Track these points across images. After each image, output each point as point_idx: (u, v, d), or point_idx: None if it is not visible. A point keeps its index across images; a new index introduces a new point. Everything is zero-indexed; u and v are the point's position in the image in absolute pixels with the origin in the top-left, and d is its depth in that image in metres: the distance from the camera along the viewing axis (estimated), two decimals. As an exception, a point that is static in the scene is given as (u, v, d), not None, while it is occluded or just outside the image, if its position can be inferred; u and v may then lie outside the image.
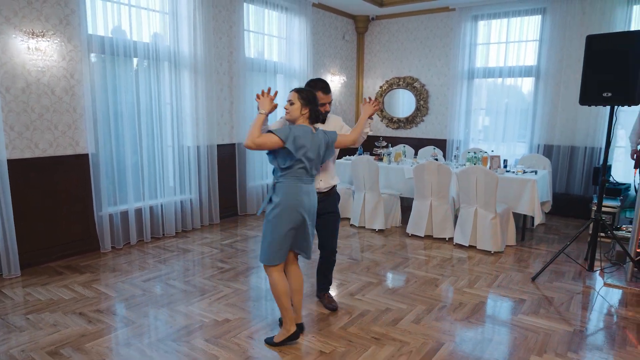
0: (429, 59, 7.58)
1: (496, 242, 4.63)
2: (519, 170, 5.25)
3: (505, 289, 3.78)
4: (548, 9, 6.39)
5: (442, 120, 7.56)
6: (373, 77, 8.23)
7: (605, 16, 5.99)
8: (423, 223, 5.13)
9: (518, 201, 4.95)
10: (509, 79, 6.88)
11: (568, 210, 6.31)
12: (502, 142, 7.01)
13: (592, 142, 6.28)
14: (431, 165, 4.93)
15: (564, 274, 4.14)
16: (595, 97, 3.64)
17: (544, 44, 6.50)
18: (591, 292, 3.77)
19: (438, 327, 3.06)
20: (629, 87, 3.51)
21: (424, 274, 4.08)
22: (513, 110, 6.89)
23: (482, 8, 6.87)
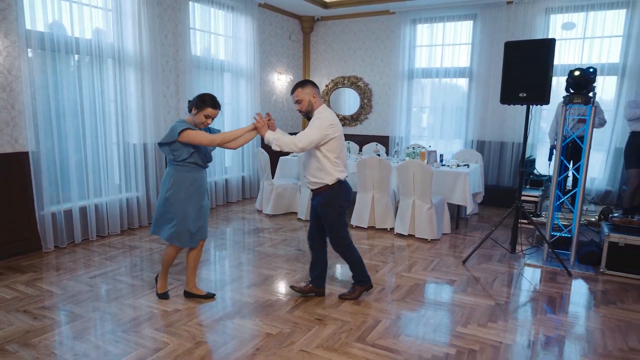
0: (372, 60, 7.93)
1: (432, 230, 5.00)
2: (453, 164, 5.67)
3: (438, 271, 4.13)
4: (478, 15, 6.91)
5: (385, 118, 7.94)
6: (319, 76, 8.48)
7: (527, 24, 6.58)
8: (366, 215, 5.43)
9: (452, 192, 5.36)
10: (445, 79, 7.35)
11: (498, 201, 6.85)
12: (440, 139, 7.48)
13: (519, 138, 6.84)
14: (372, 161, 5.23)
15: (491, 256, 4.57)
16: (513, 97, 4.06)
17: (475, 47, 7.02)
18: (513, 271, 4.20)
19: (377, 307, 3.33)
20: (542, 88, 3.95)
21: (367, 261, 4.33)
22: (449, 108, 7.38)
23: (420, 12, 7.29)
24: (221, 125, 6.55)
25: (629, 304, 3.52)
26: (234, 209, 6.59)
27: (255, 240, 5.04)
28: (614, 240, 4.08)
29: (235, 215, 6.20)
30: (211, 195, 6.55)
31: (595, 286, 3.88)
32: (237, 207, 6.72)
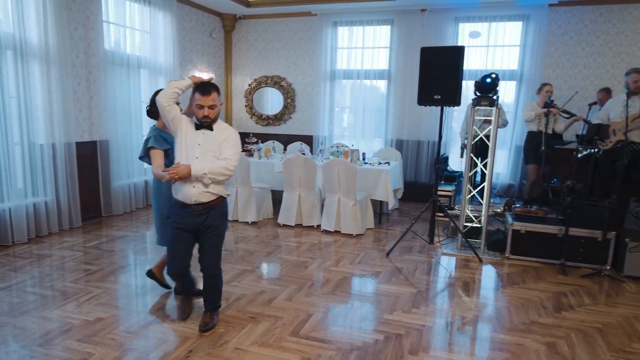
0: (295, 60, 8.02)
1: (357, 226, 5.20)
2: (374, 162, 5.94)
3: (364, 264, 4.31)
4: (395, 20, 7.28)
5: (309, 118, 8.07)
6: (242, 75, 8.40)
7: (439, 31, 7.06)
8: (293, 213, 5.49)
9: (375, 189, 5.61)
10: (366, 80, 7.65)
11: (417, 196, 7.27)
12: (361, 138, 7.77)
13: (434, 137, 7.33)
14: (298, 159, 5.31)
15: (412, 248, 4.86)
16: (429, 99, 4.37)
17: (393, 51, 7.39)
18: (432, 260, 4.50)
19: (308, 302, 3.41)
20: (454, 91, 4.29)
21: (295, 259, 4.42)
22: (370, 109, 7.70)
23: (340, 15, 7.51)
24: (138, 125, 6.25)
25: (529, 283, 3.95)
26: (156, 211, 6.31)
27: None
28: (516, 228, 4.55)
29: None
30: (131, 197, 6.22)
31: (502, 270, 4.30)
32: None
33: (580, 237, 4.37)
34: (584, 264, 4.37)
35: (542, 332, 3.06)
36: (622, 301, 3.65)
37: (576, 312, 3.39)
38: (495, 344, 2.89)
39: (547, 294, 3.73)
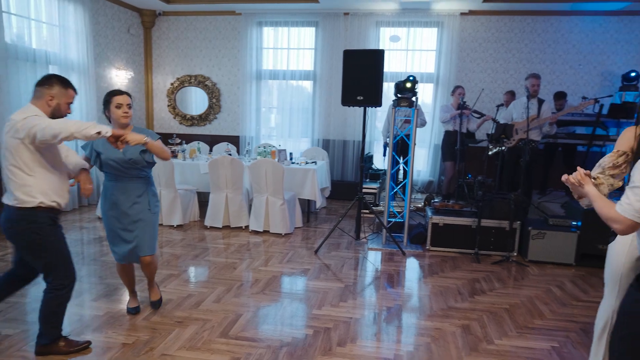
0: (219, 59, 7.88)
1: (285, 225, 5.23)
2: (302, 161, 6.02)
3: (293, 263, 4.36)
4: (320, 22, 7.42)
5: (235, 118, 7.97)
6: (163, 73, 8.09)
7: (361, 34, 7.31)
8: (220, 214, 5.40)
9: (302, 188, 5.68)
10: (292, 81, 7.71)
11: (344, 194, 7.46)
12: (288, 138, 7.82)
13: (359, 137, 7.58)
14: (225, 160, 5.23)
15: (339, 245, 4.99)
16: (352, 100, 4.51)
17: (318, 52, 7.52)
18: (359, 256, 4.66)
19: (237, 302, 3.38)
20: (375, 92, 4.47)
21: (223, 260, 4.36)
22: (296, 109, 7.78)
23: (265, 16, 7.51)
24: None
25: (447, 272, 4.23)
26: (70, 217, 5.89)
27: (98, 250, 4.61)
28: (435, 222, 4.85)
29: (73, 225, 5.55)
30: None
31: (423, 261, 4.56)
32: (74, 215, 6.02)
33: (491, 227, 4.75)
34: (494, 252, 4.76)
35: (458, 315, 3.30)
36: (527, 283, 4.03)
37: (487, 296, 3.69)
38: (417, 330, 3.07)
39: (463, 281, 4.02)
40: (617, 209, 1.58)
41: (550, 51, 7.19)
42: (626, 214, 1.54)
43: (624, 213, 1.55)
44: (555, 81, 7.23)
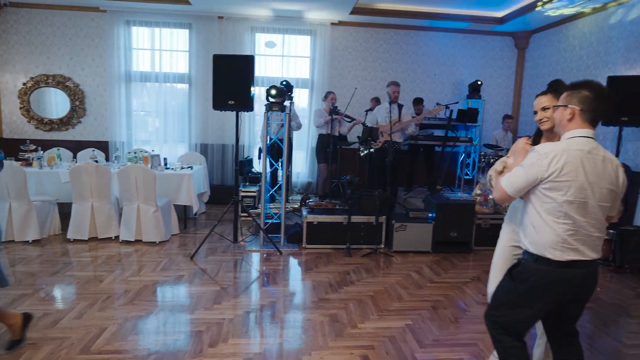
0: (82, 59, 7.28)
1: (160, 232, 5.04)
2: (177, 166, 5.85)
3: (168, 270, 4.23)
4: (193, 25, 7.28)
5: (103, 122, 7.42)
6: (12, 72, 7.20)
7: (237, 38, 7.34)
8: (86, 226, 5.01)
9: (178, 194, 5.52)
10: (166, 84, 7.43)
11: (224, 199, 7.36)
12: (165, 143, 7.53)
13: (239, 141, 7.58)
14: (89, 167, 4.87)
15: (217, 249, 4.96)
16: (224, 104, 4.54)
17: (192, 55, 7.37)
18: (237, 258, 4.68)
19: (102, 316, 3.19)
20: (247, 97, 4.55)
21: (89, 274, 4.06)
22: (172, 113, 7.51)
23: (134, 14, 7.13)
24: None
25: (321, 267, 4.47)
26: None
27: None
28: (310, 221, 5.09)
29: None
30: None
31: (299, 259, 4.75)
32: None
33: (360, 223, 5.13)
34: (364, 245, 5.15)
35: (327, 306, 3.52)
36: (391, 272, 4.45)
37: (355, 286, 4.00)
38: (288, 323, 3.21)
39: (334, 274, 4.29)
40: (501, 179, 2.01)
41: (411, 62, 7.98)
42: (504, 184, 1.97)
43: (503, 184, 1.98)
44: (415, 88, 8.04)
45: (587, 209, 1.84)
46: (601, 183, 1.85)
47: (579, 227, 1.85)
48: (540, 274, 1.90)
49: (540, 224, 1.89)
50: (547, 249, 1.87)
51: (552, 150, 1.84)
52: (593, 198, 1.84)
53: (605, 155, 1.89)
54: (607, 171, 1.87)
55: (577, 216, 1.84)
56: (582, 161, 1.83)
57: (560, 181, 1.82)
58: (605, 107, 1.88)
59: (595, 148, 1.88)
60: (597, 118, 1.90)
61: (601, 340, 3.16)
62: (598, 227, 1.89)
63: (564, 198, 1.83)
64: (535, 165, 1.86)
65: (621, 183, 1.92)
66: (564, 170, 1.81)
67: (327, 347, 2.89)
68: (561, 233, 1.85)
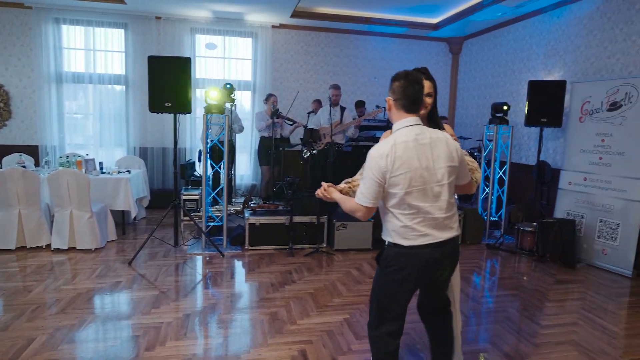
0: (7, 58, 6.86)
1: (95, 239, 4.87)
2: (114, 171, 5.67)
3: (104, 277, 4.10)
4: (129, 25, 7.07)
5: (31, 125, 7.03)
6: None
7: (176, 39, 7.22)
8: (12, 235, 4.73)
9: (115, 199, 5.35)
10: (101, 85, 7.15)
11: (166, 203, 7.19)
12: (101, 147, 7.25)
13: (180, 143, 7.43)
14: (14, 172, 4.62)
15: (157, 254, 4.86)
16: (160, 106, 4.47)
17: (129, 56, 7.15)
18: (178, 262, 4.62)
19: (29, 327, 3.05)
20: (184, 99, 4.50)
21: (16, 285, 3.85)
22: (108, 116, 7.24)
23: (63, 12, 6.82)
24: None
25: (264, 268, 4.51)
26: None
27: None
28: (252, 222, 5.11)
29: None
30: None
31: (242, 260, 4.76)
32: None
33: (303, 223, 5.22)
34: (307, 245, 5.24)
35: (268, 305, 3.57)
36: (332, 269, 4.56)
37: (297, 284, 4.07)
38: (228, 323, 3.23)
39: (276, 274, 4.34)
40: (355, 200, 1.98)
41: (352, 65, 8.20)
42: (360, 201, 1.94)
43: (359, 201, 1.95)
44: (357, 91, 8.27)
45: (428, 194, 1.89)
46: (435, 165, 1.89)
47: (424, 214, 1.90)
48: (400, 257, 1.94)
49: (389, 216, 1.96)
50: (398, 237, 1.93)
51: (382, 149, 1.88)
52: (431, 182, 1.89)
53: (432, 135, 1.93)
54: (439, 151, 1.91)
55: (419, 204, 1.89)
56: (411, 150, 1.87)
57: (397, 176, 1.86)
58: (414, 91, 1.92)
59: (421, 133, 1.91)
60: (410, 104, 1.93)
61: (523, 324, 3.43)
62: (445, 208, 1.94)
63: (403, 190, 1.87)
64: (374, 168, 1.88)
65: (457, 155, 1.96)
66: (396, 164, 1.85)
67: (266, 344, 2.94)
68: (408, 222, 1.91)
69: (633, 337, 3.25)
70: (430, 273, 2.00)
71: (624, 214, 4.68)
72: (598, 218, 4.94)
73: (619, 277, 4.60)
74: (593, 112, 5.06)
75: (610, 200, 4.83)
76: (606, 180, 4.88)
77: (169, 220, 5.56)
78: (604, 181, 4.91)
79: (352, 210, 2.00)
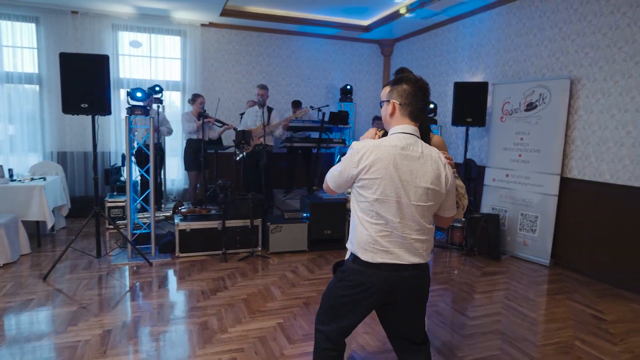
0: None
1: (4, 253, 4.42)
2: (26, 178, 5.19)
3: (13, 295, 3.72)
4: (41, 19, 6.52)
5: None
6: None
7: (95, 36, 6.76)
8: None
9: (27, 209, 4.91)
10: (10, 84, 6.53)
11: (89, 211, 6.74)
12: (12, 152, 6.62)
13: (103, 147, 6.99)
14: None
15: (77, 266, 4.50)
16: (75, 107, 4.13)
17: (42, 53, 6.59)
18: (101, 274, 4.30)
19: None
20: (103, 100, 4.20)
21: None
22: (20, 118, 6.62)
23: (-37, 4, 6.17)
24: None
25: (195, 276, 4.32)
26: None
27: None
28: (182, 228, 4.88)
29: None
30: None
31: (171, 269, 4.53)
32: None
33: (236, 227, 5.07)
34: (241, 249, 5.09)
35: (198, 314, 3.41)
36: (267, 273, 4.46)
37: (229, 291, 3.93)
38: (153, 337, 3.04)
39: (208, 281, 4.17)
40: (328, 172, 1.94)
41: (285, 65, 8.13)
42: (327, 177, 1.93)
43: (327, 176, 1.93)
44: (291, 92, 8.21)
45: (401, 209, 1.73)
46: (416, 181, 1.73)
47: (392, 229, 1.74)
48: (356, 274, 1.79)
49: (356, 223, 1.82)
50: (359, 249, 1.78)
51: (364, 146, 1.75)
52: (407, 197, 1.73)
53: (424, 151, 1.76)
54: (424, 169, 1.74)
55: (389, 216, 1.73)
56: (395, 158, 1.71)
57: (369, 178, 1.72)
58: (423, 100, 1.81)
59: (413, 144, 1.76)
60: (417, 112, 1.81)
61: (451, 316, 3.53)
62: (417, 229, 1.75)
63: (374, 196, 1.73)
64: (348, 160, 1.79)
65: (445, 181, 1.78)
66: (373, 167, 1.71)
67: (195, 356, 2.79)
68: (373, 234, 1.75)
69: (550, 322, 3.46)
70: (387, 298, 1.80)
71: (542, 207, 5.00)
72: (519, 212, 5.24)
73: (538, 266, 4.91)
74: (512, 112, 5.36)
75: (530, 194, 5.14)
76: (525, 176, 5.19)
77: (92, 230, 5.18)
78: (523, 177, 5.22)
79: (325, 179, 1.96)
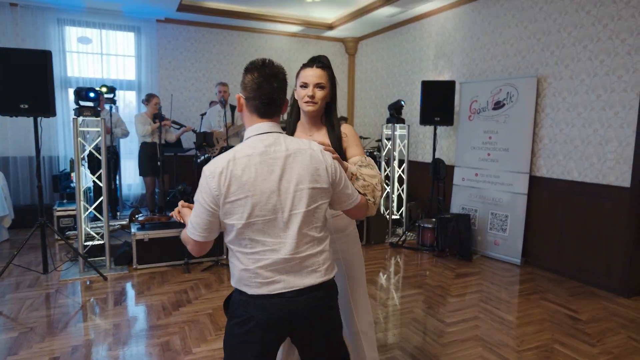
0: None
1: None
2: (-40, 186, 4.68)
3: (-57, 322, 3.29)
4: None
5: None
6: None
7: (39, 31, 6.24)
8: None
9: (-38, 221, 4.41)
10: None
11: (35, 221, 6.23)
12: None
13: (50, 151, 6.48)
14: None
15: (20, 284, 4.08)
16: (14, 108, 3.71)
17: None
18: (49, 292, 3.90)
19: None
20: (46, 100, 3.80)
21: None
22: (-46, 120, 6.04)
23: None
24: None
25: (154, 289, 3.99)
26: None
27: None
28: (140, 238, 4.53)
29: None
30: None
31: (128, 282, 4.17)
32: None
33: (199, 234, 4.75)
34: (205, 258, 4.79)
35: (159, 334, 3.11)
36: (233, 283, 4.18)
37: (193, 305, 3.64)
38: (108, 365, 2.73)
39: (169, 295, 3.86)
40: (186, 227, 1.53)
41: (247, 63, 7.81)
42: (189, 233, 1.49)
43: (188, 232, 1.50)
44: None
45: (278, 226, 1.42)
46: (289, 186, 1.43)
47: (272, 254, 1.42)
48: (245, 306, 1.44)
49: (230, 256, 1.51)
50: (242, 285, 1.45)
51: (219, 165, 1.40)
52: (286, 209, 1.43)
53: (290, 147, 1.45)
54: (296, 168, 1.44)
55: (267, 239, 1.42)
56: (256, 168, 1.40)
57: (233, 201, 1.39)
58: (272, 86, 1.45)
59: (274, 144, 1.45)
60: (269, 106, 1.47)
61: (428, 323, 3.40)
62: (307, 242, 1.46)
63: (242, 222, 1.39)
64: (203, 191, 1.42)
65: (327, 172, 1.49)
66: (233, 187, 1.38)
67: (155, 385, 2.51)
68: (251, 266, 1.43)
69: (527, 325, 3.39)
70: (286, 329, 1.47)
71: (512, 206, 4.98)
72: (489, 211, 5.21)
73: (510, 265, 4.88)
74: (480, 110, 5.32)
75: (499, 193, 5.11)
76: (495, 175, 5.16)
77: (38, 242, 4.73)
78: (492, 176, 5.18)
79: (184, 240, 1.53)
